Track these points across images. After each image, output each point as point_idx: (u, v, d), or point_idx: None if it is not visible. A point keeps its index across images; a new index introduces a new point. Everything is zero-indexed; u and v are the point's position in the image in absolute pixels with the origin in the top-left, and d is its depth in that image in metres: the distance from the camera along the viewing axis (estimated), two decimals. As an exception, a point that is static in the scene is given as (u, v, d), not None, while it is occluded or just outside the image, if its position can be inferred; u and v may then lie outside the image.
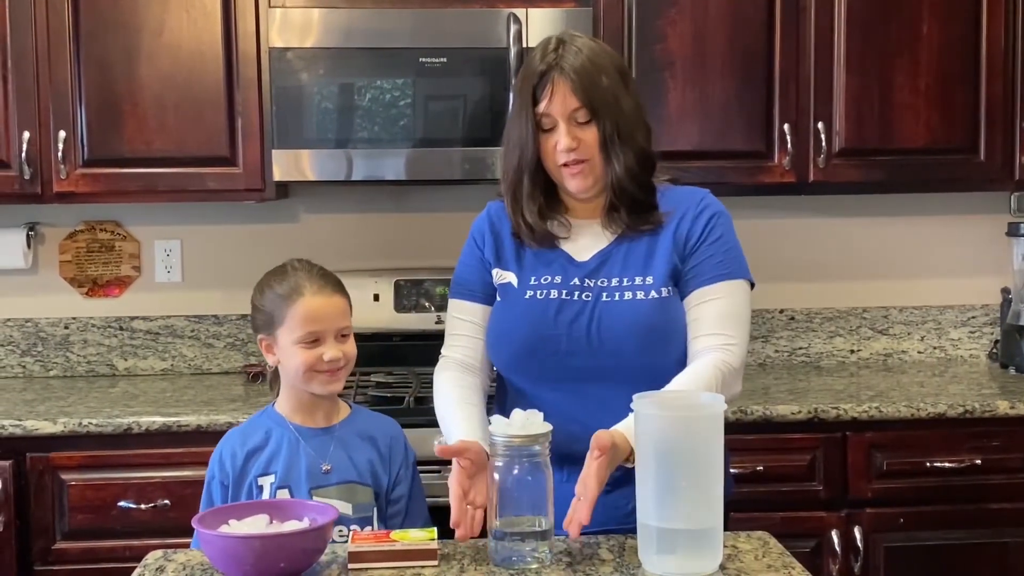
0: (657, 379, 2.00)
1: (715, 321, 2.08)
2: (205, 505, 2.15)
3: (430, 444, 2.72)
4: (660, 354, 2.08)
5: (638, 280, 2.10)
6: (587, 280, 2.12)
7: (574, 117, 2.07)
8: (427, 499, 2.24)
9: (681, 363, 2.10)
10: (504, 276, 2.18)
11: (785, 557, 1.85)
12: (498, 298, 2.19)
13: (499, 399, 2.24)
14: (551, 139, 2.08)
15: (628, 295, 2.09)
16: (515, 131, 2.13)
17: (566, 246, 2.16)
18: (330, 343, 2.11)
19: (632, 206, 2.13)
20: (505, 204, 2.19)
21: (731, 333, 2.07)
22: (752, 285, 2.15)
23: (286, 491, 2.10)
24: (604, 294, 2.10)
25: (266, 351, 2.18)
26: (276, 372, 2.21)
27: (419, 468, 2.25)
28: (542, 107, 2.08)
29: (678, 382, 2.01)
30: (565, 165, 2.09)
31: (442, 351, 2.25)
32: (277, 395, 2.22)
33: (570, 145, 2.06)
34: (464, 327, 2.22)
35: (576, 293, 2.11)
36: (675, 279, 2.11)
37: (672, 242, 2.11)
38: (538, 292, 2.12)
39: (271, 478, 2.12)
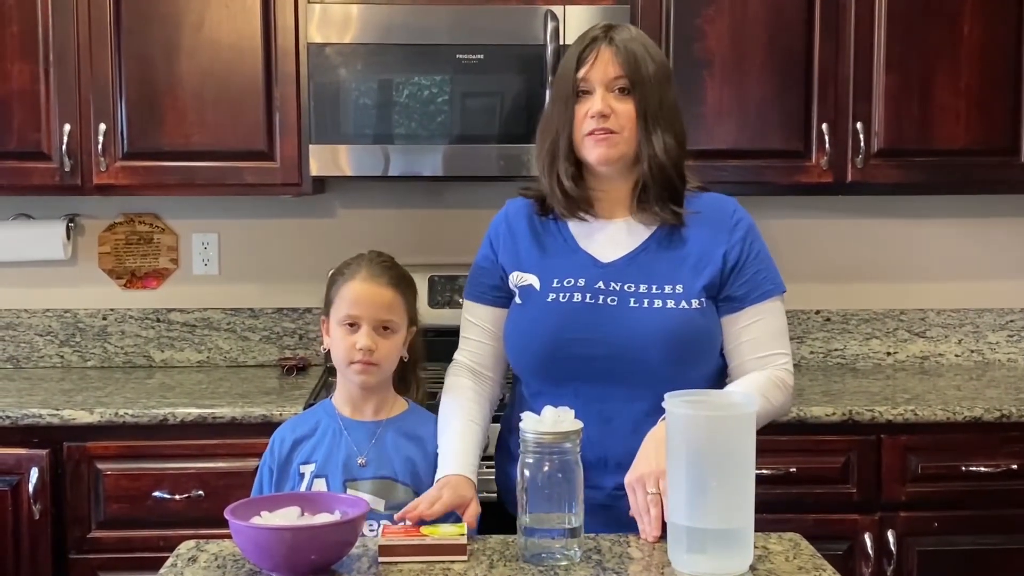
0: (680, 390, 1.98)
1: (768, 340, 2.10)
2: (255, 488, 2.21)
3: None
4: (685, 366, 2.05)
5: (667, 288, 2.07)
6: (612, 283, 2.09)
7: (613, 86, 2.06)
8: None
9: (711, 379, 2.10)
10: (525, 278, 2.15)
11: (816, 559, 1.84)
12: (518, 300, 2.16)
13: (515, 401, 2.23)
14: (584, 105, 2.07)
15: (657, 303, 2.06)
16: (554, 105, 2.13)
17: (589, 247, 2.14)
18: (365, 331, 2.12)
19: (664, 189, 2.09)
20: (540, 176, 2.17)
21: (782, 350, 2.11)
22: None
23: (323, 480, 2.12)
24: (631, 300, 2.07)
25: (325, 333, 2.22)
26: None
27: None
28: (582, 72, 2.07)
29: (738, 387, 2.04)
30: (591, 133, 2.06)
31: (456, 353, 2.26)
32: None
33: (602, 110, 2.05)
34: (474, 331, 2.23)
35: (600, 296, 2.08)
36: (710, 293, 2.08)
37: (706, 254, 2.09)
38: (561, 295, 2.10)
39: (312, 466, 2.14)
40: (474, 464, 2.09)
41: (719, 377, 2.14)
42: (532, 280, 2.14)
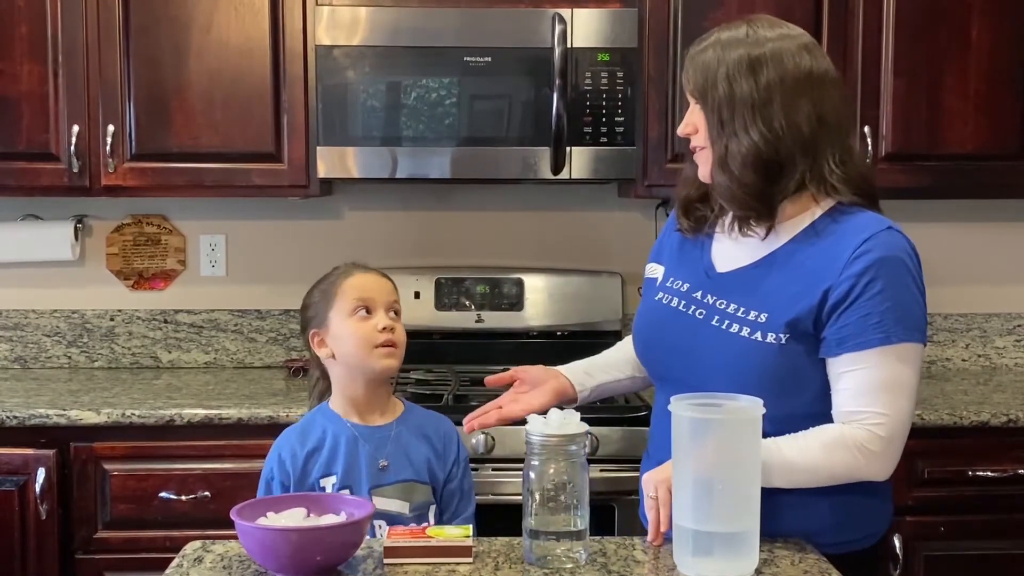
0: None
1: (859, 395, 1.83)
2: None
3: (468, 441, 2.74)
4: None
5: (752, 315, 1.89)
6: (709, 296, 1.96)
7: (693, 99, 1.94)
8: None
9: (797, 419, 1.87)
10: (655, 270, 2.12)
11: (822, 563, 1.83)
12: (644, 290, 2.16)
13: None
14: None
15: (734, 327, 1.90)
16: None
17: (717, 254, 2.02)
18: (381, 314, 2.13)
19: (731, 205, 1.92)
20: None
21: (877, 409, 1.82)
22: (923, 344, 1.87)
23: (347, 492, 2.10)
24: (715, 317, 1.93)
25: (318, 346, 2.17)
26: (324, 372, 2.22)
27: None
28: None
29: (779, 440, 1.85)
30: (690, 154, 1.99)
31: None
32: (319, 396, 2.23)
33: (683, 128, 1.96)
34: None
35: (692, 307, 1.97)
36: (796, 329, 1.86)
37: (807, 287, 1.86)
38: (664, 296, 2.04)
39: (333, 479, 2.12)
40: (580, 368, 2.20)
41: (812, 418, 1.88)
42: (659, 273, 2.10)
